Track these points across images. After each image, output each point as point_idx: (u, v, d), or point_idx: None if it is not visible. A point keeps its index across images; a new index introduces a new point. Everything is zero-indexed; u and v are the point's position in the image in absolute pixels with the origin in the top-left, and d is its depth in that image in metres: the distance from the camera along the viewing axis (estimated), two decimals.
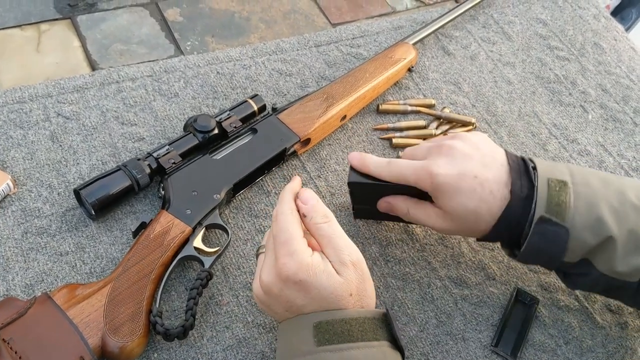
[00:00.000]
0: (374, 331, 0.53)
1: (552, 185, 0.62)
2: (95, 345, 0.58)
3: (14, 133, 0.75)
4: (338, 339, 0.52)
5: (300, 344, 0.53)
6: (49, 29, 1.67)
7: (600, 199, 0.62)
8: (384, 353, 0.53)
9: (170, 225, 0.67)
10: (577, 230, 0.61)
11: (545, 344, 0.70)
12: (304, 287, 0.54)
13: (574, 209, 0.61)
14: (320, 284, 0.53)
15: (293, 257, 0.54)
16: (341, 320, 0.53)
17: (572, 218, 0.61)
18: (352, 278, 0.55)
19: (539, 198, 0.61)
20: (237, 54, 0.91)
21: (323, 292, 0.54)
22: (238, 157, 0.74)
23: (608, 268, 0.62)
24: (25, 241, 0.67)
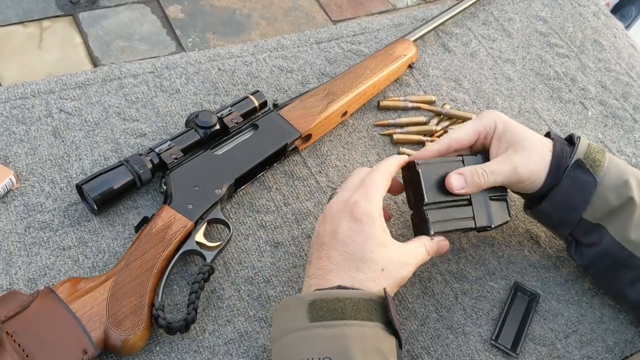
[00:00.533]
0: (368, 312, 0.54)
1: (592, 147, 0.70)
2: (98, 339, 0.59)
3: (17, 129, 0.76)
4: (331, 315, 0.53)
5: (294, 321, 0.54)
6: (50, 25, 1.68)
7: (631, 172, 0.69)
8: (377, 334, 0.53)
9: (172, 220, 0.67)
10: (604, 188, 0.67)
11: (545, 338, 0.70)
12: (358, 227, 0.58)
13: (606, 169, 0.68)
14: (372, 237, 0.58)
15: (368, 203, 0.60)
16: (335, 299, 0.54)
17: (603, 176, 0.67)
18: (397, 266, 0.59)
19: (578, 149, 0.68)
20: (238, 50, 0.91)
21: (367, 244, 0.58)
22: (239, 153, 0.74)
23: (621, 234, 0.67)
24: (27, 236, 0.68)
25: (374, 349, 0.52)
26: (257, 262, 0.71)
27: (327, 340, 0.52)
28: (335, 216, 0.60)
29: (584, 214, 0.68)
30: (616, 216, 0.67)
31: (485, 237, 0.78)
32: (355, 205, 0.60)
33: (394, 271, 0.59)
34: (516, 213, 0.80)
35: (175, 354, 0.63)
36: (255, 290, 0.68)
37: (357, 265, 0.57)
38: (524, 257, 0.77)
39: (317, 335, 0.53)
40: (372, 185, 0.62)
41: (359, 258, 0.58)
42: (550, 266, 0.76)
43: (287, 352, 0.54)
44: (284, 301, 0.58)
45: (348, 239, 0.58)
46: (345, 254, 0.58)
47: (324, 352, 0.52)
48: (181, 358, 0.63)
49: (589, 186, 0.67)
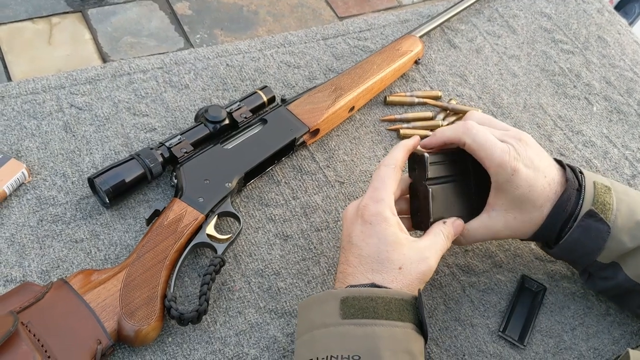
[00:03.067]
0: (400, 312, 0.54)
1: (598, 187, 0.65)
2: (112, 329, 0.60)
3: (28, 123, 0.76)
4: (363, 314, 0.53)
5: (325, 317, 0.54)
6: (60, 22, 1.69)
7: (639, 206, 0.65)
8: (407, 335, 0.54)
9: (183, 212, 0.68)
10: (617, 231, 0.64)
11: (552, 330, 0.71)
12: (369, 230, 0.58)
13: (617, 211, 0.64)
14: (385, 238, 0.58)
15: (376, 204, 0.60)
16: (367, 297, 0.54)
17: (615, 219, 0.64)
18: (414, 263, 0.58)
19: (586, 196, 0.64)
20: (246, 46, 0.92)
21: (382, 245, 0.58)
22: (249, 147, 0.75)
23: (636, 273, 0.65)
24: (40, 228, 0.68)
25: (404, 349, 0.53)
26: (267, 255, 0.71)
27: (358, 339, 0.53)
28: (349, 222, 0.61)
29: (598, 257, 0.66)
30: (631, 256, 0.65)
31: None
32: (365, 209, 0.60)
33: (412, 268, 0.58)
34: None
35: (187, 344, 0.63)
36: (265, 283, 0.69)
37: (372, 266, 0.58)
38: (531, 251, 0.77)
39: (348, 333, 0.53)
40: (379, 185, 0.61)
41: (374, 259, 0.58)
42: (556, 259, 0.77)
43: (317, 347, 0.54)
44: (314, 295, 0.58)
45: (361, 243, 0.59)
46: (360, 257, 0.58)
47: (354, 350, 0.52)
48: (193, 349, 0.63)
49: (602, 234, 0.64)
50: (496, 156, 0.63)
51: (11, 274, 0.65)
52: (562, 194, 0.65)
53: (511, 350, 0.69)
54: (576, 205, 0.65)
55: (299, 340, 0.56)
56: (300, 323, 0.58)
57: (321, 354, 0.52)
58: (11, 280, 0.64)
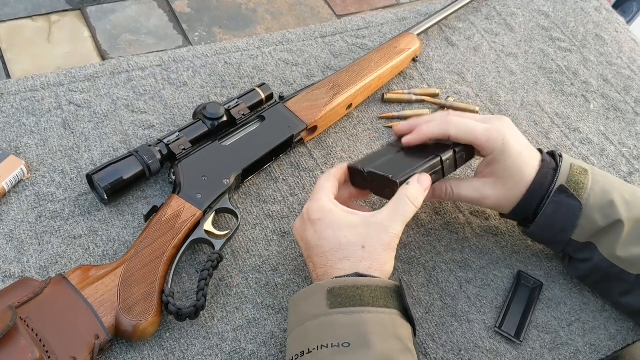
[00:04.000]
0: (385, 299, 0.55)
1: (574, 168, 0.69)
2: (110, 324, 0.60)
3: (27, 120, 0.77)
4: (350, 302, 0.54)
5: (313, 309, 0.55)
6: (59, 19, 1.69)
7: (615, 188, 0.68)
8: (394, 321, 0.54)
9: (181, 209, 0.68)
10: (589, 209, 0.67)
11: (549, 326, 0.72)
12: (320, 226, 0.60)
13: (590, 190, 0.68)
14: (337, 224, 0.60)
15: (316, 202, 0.62)
16: (353, 286, 0.55)
17: (587, 197, 0.68)
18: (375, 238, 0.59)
19: (561, 174, 0.68)
20: (244, 44, 0.93)
21: (337, 233, 0.59)
22: (246, 144, 0.76)
23: (610, 253, 0.67)
24: (39, 225, 0.69)
25: (392, 334, 0.53)
26: (265, 251, 0.72)
27: (347, 326, 0.53)
28: (301, 231, 0.63)
29: (572, 235, 0.69)
30: (604, 235, 0.68)
31: (488, 227, 0.79)
32: (308, 211, 0.62)
33: (375, 243, 0.59)
34: None
35: (184, 339, 0.64)
36: (263, 278, 0.70)
37: (338, 255, 0.59)
38: (527, 247, 0.78)
39: (336, 322, 0.54)
40: (316, 190, 0.64)
41: (337, 249, 0.59)
42: (553, 256, 0.77)
43: (308, 338, 0.54)
44: (303, 290, 0.59)
45: (320, 241, 0.60)
46: (325, 253, 0.59)
47: (343, 338, 0.52)
48: (191, 344, 0.64)
49: (574, 210, 0.67)
50: (481, 135, 0.67)
51: (10, 270, 0.65)
52: (539, 170, 0.69)
53: (507, 346, 0.69)
54: (551, 183, 0.68)
55: (290, 335, 0.57)
56: (291, 318, 0.58)
57: (312, 344, 0.53)
58: (10, 276, 0.65)
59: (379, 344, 0.52)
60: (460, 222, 0.79)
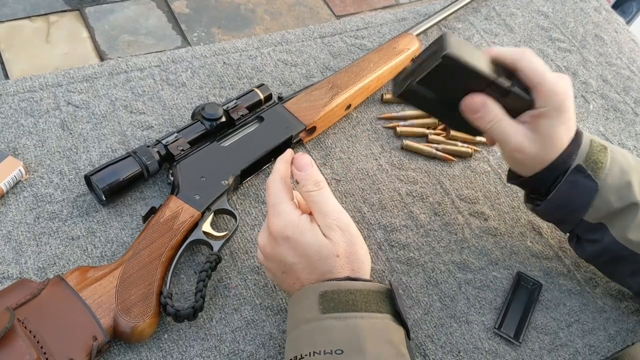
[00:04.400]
0: (378, 304, 0.55)
1: (594, 145, 0.67)
2: (108, 325, 0.60)
3: (25, 121, 0.77)
4: (343, 307, 0.53)
5: (306, 312, 0.55)
6: (57, 20, 1.69)
7: (633, 169, 0.66)
8: (387, 325, 0.54)
9: (179, 210, 0.68)
10: (606, 190, 0.65)
11: (548, 327, 0.71)
12: (292, 244, 0.57)
13: (608, 170, 0.66)
14: (306, 241, 0.57)
15: (280, 216, 0.58)
16: (346, 291, 0.54)
17: (605, 178, 0.65)
18: (339, 241, 0.57)
19: (580, 151, 0.66)
20: (243, 44, 0.92)
21: (309, 249, 0.57)
22: (245, 145, 0.75)
23: (622, 235, 0.66)
24: (37, 226, 0.69)
25: (386, 339, 0.53)
26: None
27: (340, 332, 0.53)
28: (270, 250, 0.59)
29: (584, 216, 0.67)
30: (617, 217, 0.66)
31: (488, 228, 0.78)
32: (273, 228, 0.58)
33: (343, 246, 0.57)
34: (518, 205, 0.81)
35: (183, 341, 0.64)
36: (261, 280, 0.69)
37: (320, 269, 0.57)
38: (527, 248, 0.78)
39: (329, 327, 0.53)
40: (275, 201, 0.59)
41: (316, 263, 0.57)
42: (552, 256, 0.77)
43: (300, 343, 0.54)
44: (298, 292, 0.58)
45: (296, 258, 0.57)
46: (306, 268, 0.57)
47: (337, 344, 0.52)
48: (189, 345, 0.63)
49: (590, 190, 0.65)
50: (550, 81, 0.63)
51: (8, 271, 0.65)
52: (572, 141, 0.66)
53: (507, 347, 0.69)
54: (570, 160, 0.66)
55: (287, 337, 0.57)
56: (288, 320, 0.58)
57: (305, 349, 0.52)
58: (8, 277, 0.65)
59: (373, 350, 0.51)
60: (459, 222, 0.78)
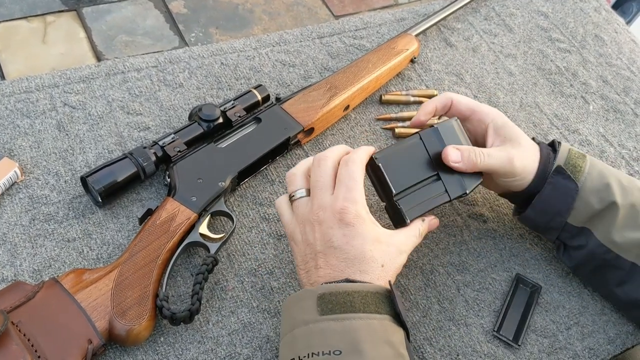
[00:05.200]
0: (376, 305, 0.54)
1: (572, 152, 0.71)
2: (103, 328, 0.59)
3: (21, 122, 0.76)
4: (341, 309, 0.53)
5: (304, 315, 0.54)
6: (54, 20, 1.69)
7: (613, 174, 0.70)
8: (385, 326, 0.54)
9: (176, 211, 0.67)
10: (586, 192, 0.68)
11: (547, 329, 0.71)
12: (352, 232, 0.58)
13: (587, 174, 0.69)
14: (368, 237, 0.58)
15: (355, 205, 0.58)
16: (344, 292, 0.54)
17: (584, 180, 0.69)
18: (393, 259, 0.59)
19: (559, 157, 0.70)
20: (241, 45, 0.92)
21: (366, 245, 0.57)
22: (242, 146, 0.75)
23: (606, 237, 0.68)
24: (32, 228, 0.68)
25: (384, 340, 0.52)
26: (261, 254, 0.71)
27: (338, 334, 0.52)
28: (325, 226, 0.58)
29: (568, 218, 0.69)
30: (600, 219, 0.68)
31: (487, 229, 0.78)
32: (344, 212, 0.58)
33: (392, 264, 0.59)
34: None
35: (179, 344, 0.63)
36: (258, 282, 0.69)
37: (359, 267, 0.57)
38: (526, 250, 0.77)
39: (327, 329, 0.53)
40: (353, 186, 0.59)
41: (360, 260, 0.57)
42: (551, 258, 0.77)
43: (298, 345, 0.53)
44: (294, 294, 0.58)
45: (346, 246, 0.58)
46: (346, 260, 0.58)
47: (335, 345, 0.52)
48: (185, 348, 0.63)
49: (570, 192, 0.68)
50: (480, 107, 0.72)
51: (2, 273, 0.64)
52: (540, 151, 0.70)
53: (505, 350, 0.69)
54: (551, 165, 0.69)
55: (282, 341, 0.56)
56: (283, 323, 0.57)
57: (303, 351, 0.52)
58: (2, 280, 0.64)
59: (371, 351, 0.51)
60: (458, 224, 0.78)
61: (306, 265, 0.60)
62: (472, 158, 0.66)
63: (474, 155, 0.66)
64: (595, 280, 0.73)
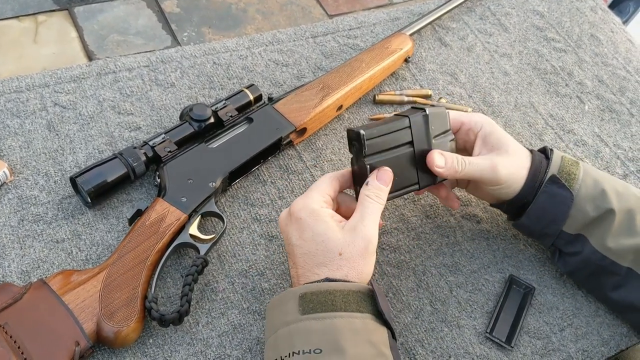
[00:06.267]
0: (358, 303, 0.54)
1: (565, 159, 0.70)
2: (91, 330, 0.59)
3: (11, 122, 0.76)
4: (322, 308, 0.53)
5: (286, 316, 0.54)
6: (46, 20, 1.68)
7: (607, 180, 0.69)
8: (367, 325, 0.53)
9: (165, 212, 0.67)
10: (581, 200, 0.68)
11: (540, 331, 0.70)
12: (301, 226, 0.59)
13: (582, 181, 0.68)
14: (317, 229, 0.58)
15: (305, 199, 0.60)
16: (325, 291, 0.54)
17: (579, 188, 0.68)
18: (352, 244, 0.57)
19: (552, 165, 0.69)
20: (234, 44, 0.91)
21: (316, 237, 0.58)
22: (234, 146, 0.74)
23: (601, 244, 0.68)
24: (21, 228, 0.68)
25: (365, 340, 0.52)
26: (252, 255, 0.71)
27: (319, 332, 0.52)
28: (284, 225, 0.61)
29: (563, 226, 0.69)
30: (595, 226, 0.68)
31: (480, 230, 0.77)
32: (294, 207, 0.60)
33: (351, 249, 0.57)
34: None
35: (168, 346, 0.63)
36: (249, 283, 0.68)
37: (316, 260, 0.57)
38: (520, 251, 0.76)
39: (308, 328, 0.53)
40: (312, 187, 0.62)
41: (315, 252, 0.58)
42: (545, 260, 0.76)
43: (280, 345, 0.53)
44: (276, 296, 0.58)
45: (299, 241, 0.59)
46: (303, 255, 0.58)
47: (315, 344, 0.52)
48: (174, 350, 0.62)
49: (566, 200, 0.68)
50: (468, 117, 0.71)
51: None
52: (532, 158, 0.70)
53: (498, 352, 0.68)
54: (544, 174, 0.69)
55: (266, 343, 0.56)
56: (267, 327, 0.57)
57: (284, 351, 0.52)
58: None
59: (352, 350, 0.51)
60: (451, 225, 0.77)
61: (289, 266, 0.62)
62: (454, 165, 0.66)
63: (456, 163, 0.66)
64: (590, 284, 0.73)
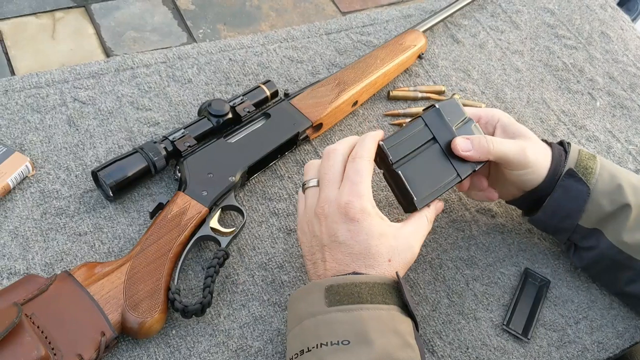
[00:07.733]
0: (383, 295, 0.55)
1: (583, 153, 0.70)
2: (116, 321, 0.60)
3: (32, 117, 0.76)
4: (348, 300, 0.53)
5: (311, 307, 0.55)
6: (63, 16, 1.70)
7: (623, 174, 0.69)
8: (393, 316, 0.54)
9: (187, 206, 0.68)
10: (597, 194, 0.67)
11: (556, 323, 0.71)
12: (355, 228, 0.57)
13: (598, 175, 0.68)
14: (372, 232, 0.57)
15: (360, 199, 0.58)
16: (351, 284, 0.55)
17: (595, 182, 0.68)
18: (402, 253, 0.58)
19: (569, 159, 0.69)
20: (249, 41, 0.92)
21: (371, 241, 0.57)
22: (252, 141, 0.75)
23: (617, 238, 0.67)
24: (44, 221, 0.69)
25: (392, 330, 0.53)
26: (271, 249, 0.71)
27: (346, 324, 0.53)
28: (330, 220, 0.59)
29: (579, 221, 0.68)
30: (611, 221, 0.68)
31: (495, 224, 0.78)
32: (349, 206, 0.58)
33: (400, 258, 0.59)
34: None
35: (191, 337, 0.63)
36: (269, 276, 0.69)
37: (365, 262, 0.57)
38: (534, 244, 0.77)
39: (335, 319, 0.53)
40: (359, 180, 0.59)
41: (365, 255, 0.57)
42: (559, 253, 0.77)
43: (306, 336, 0.54)
44: (300, 288, 0.58)
45: (350, 241, 0.58)
46: (351, 255, 0.58)
47: (343, 335, 0.52)
48: (197, 341, 0.63)
49: (582, 195, 0.67)
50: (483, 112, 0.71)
51: (15, 267, 0.65)
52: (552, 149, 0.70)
53: (515, 344, 0.69)
54: (563, 166, 0.69)
55: (289, 334, 0.56)
56: (290, 318, 0.58)
57: (311, 342, 0.52)
58: (15, 273, 0.64)
59: (379, 340, 0.51)
60: (466, 219, 0.78)
61: (313, 256, 0.60)
62: (482, 144, 0.65)
63: (484, 142, 0.65)
64: (605, 278, 0.73)
